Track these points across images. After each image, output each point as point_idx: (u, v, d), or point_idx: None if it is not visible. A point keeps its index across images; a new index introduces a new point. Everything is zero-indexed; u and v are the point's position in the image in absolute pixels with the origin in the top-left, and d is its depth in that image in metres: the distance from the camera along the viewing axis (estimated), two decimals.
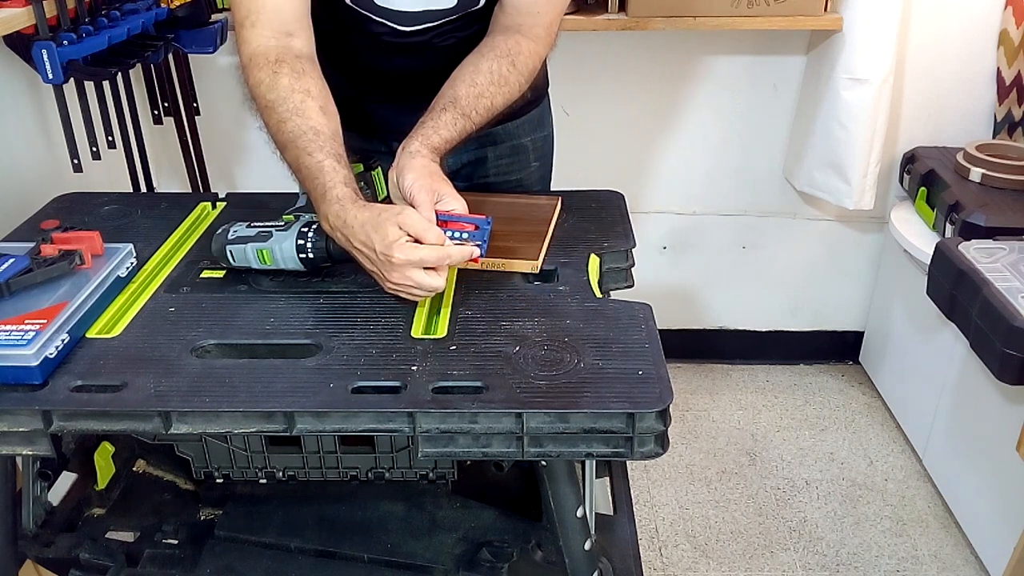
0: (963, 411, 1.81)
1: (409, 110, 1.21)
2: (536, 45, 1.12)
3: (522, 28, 1.11)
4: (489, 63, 1.08)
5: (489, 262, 1.03)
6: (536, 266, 1.03)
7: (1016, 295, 1.37)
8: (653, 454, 0.81)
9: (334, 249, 0.96)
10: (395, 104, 1.25)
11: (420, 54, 1.18)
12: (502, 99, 1.08)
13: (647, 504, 1.92)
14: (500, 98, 1.08)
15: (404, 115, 1.22)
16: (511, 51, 1.09)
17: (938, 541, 1.81)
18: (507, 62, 1.08)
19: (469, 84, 1.06)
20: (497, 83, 1.07)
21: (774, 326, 2.39)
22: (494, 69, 1.07)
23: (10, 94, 1.57)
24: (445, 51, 1.17)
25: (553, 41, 1.16)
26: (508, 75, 1.08)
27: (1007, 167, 1.82)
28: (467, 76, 1.07)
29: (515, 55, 1.09)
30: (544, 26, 1.12)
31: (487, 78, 1.07)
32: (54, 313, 0.89)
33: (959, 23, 1.93)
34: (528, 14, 1.11)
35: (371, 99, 1.26)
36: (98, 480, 1.21)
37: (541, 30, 1.12)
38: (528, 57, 1.11)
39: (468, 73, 1.07)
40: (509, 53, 1.09)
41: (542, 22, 1.12)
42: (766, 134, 2.12)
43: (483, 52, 1.10)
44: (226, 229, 1.03)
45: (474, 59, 1.09)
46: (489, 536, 1.11)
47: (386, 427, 0.81)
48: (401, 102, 1.24)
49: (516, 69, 1.09)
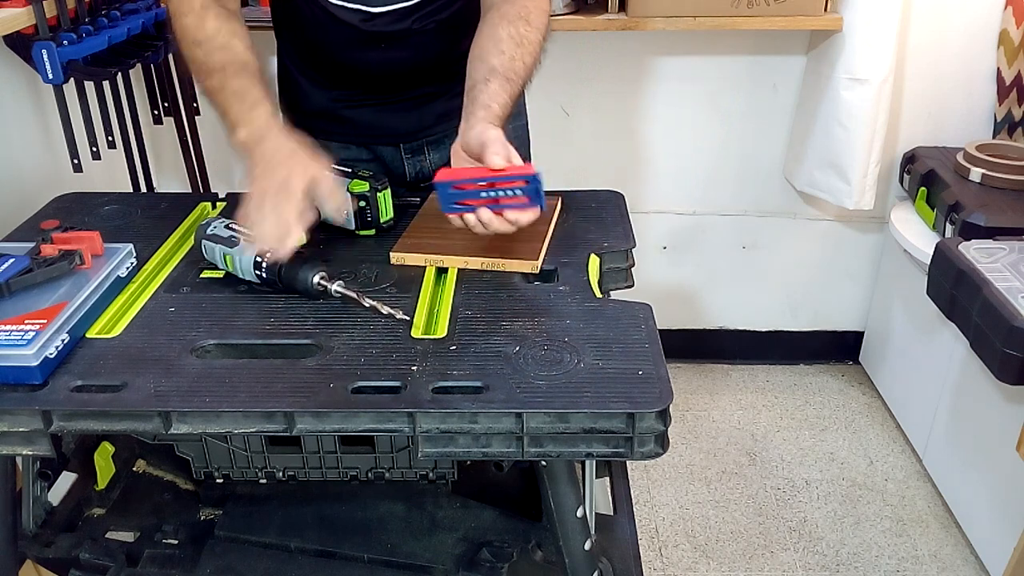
0: (963, 411, 1.81)
1: (394, 110, 1.21)
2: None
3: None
4: (506, 29, 1.09)
5: (489, 262, 1.03)
6: (536, 266, 1.03)
7: (1016, 295, 1.37)
8: (653, 454, 0.81)
9: (285, 275, 0.96)
10: (378, 106, 1.25)
11: (400, 43, 1.17)
12: (531, 58, 1.09)
13: (647, 504, 1.92)
14: (529, 58, 1.09)
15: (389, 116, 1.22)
16: (521, 13, 1.10)
17: (938, 541, 1.81)
18: (522, 23, 1.09)
19: (498, 53, 1.07)
20: (521, 44, 1.08)
21: (774, 326, 2.39)
22: (513, 33, 1.08)
23: (10, 94, 1.57)
24: (425, 39, 1.16)
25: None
26: (527, 34, 1.09)
27: (1007, 167, 1.82)
28: (491, 47, 1.08)
29: (527, 14, 1.10)
30: None
31: (510, 43, 1.08)
32: (54, 313, 0.88)
33: (959, 23, 1.93)
34: None
35: (353, 103, 1.25)
36: (98, 480, 1.21)
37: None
38: (538, 14, 1.11)
39: (491, 44, 1.08)
40: (520, 15, 1.10)
41: None
42: (766, 134, 2.12)
43: (495, 22, 1.10)
44: (209, 223, 1.03)
45: (489, 31, 1.10)
46: (489, 536, 1.11)
47: (386, 427, 0.81)
48: (385, 104, 1.24)
49: (532, 27, 1.10)
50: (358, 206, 1.11)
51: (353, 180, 1.11)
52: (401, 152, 1.31)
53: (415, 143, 1.30)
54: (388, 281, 1.02)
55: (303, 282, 0.95)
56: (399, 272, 1.03)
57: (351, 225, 1.13)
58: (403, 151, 1.31)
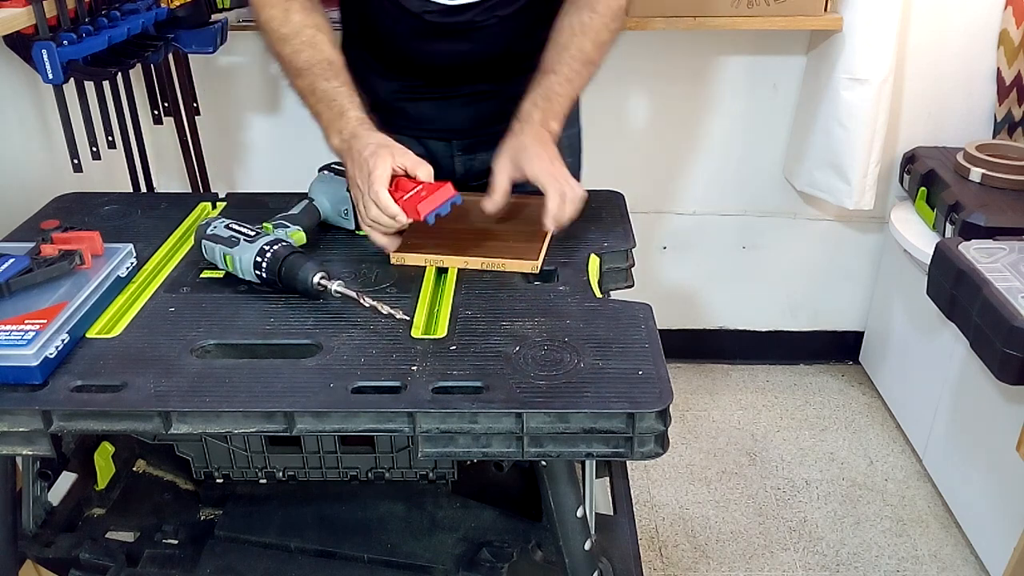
0: (963, 411, 1.81)
1: (451, 105, 1.25)
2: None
3: None
4: (568, 19, 1.14)
5: (489, 262, 1.03)
6: (536, 266, 1.03)
7: (1016, 295, 1.37)
8: (653, 454, 0.81)
9: (285, 275, 0.96)
10: (435, 100, 1.27)
11: (462, 36, 1.19)
12: (590, 44, 1.13)
13: (647, 504, 1.92)
14: (588, 43, 1.13)
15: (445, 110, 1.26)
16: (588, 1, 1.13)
17: (938, 541, 1.81)
18: (586, 11, 1.13)
19: (551, 47, 1.13)
20: (579, 32, 1.13)
21: (774, 326, 2.39)
22: (573, 22, 1.13)
23: (10, 94, 1.57)
24: (486, 33, 1.18)
25: None
26: (589, 21, 1.13)
27: (1007, 167, 1.82)
28: (549, 42, 1.14)
29: (594, 2, 1.13)
30: None
31: (567, 33, 1.13)
32: (54, 313, 0.89)
33: (959, 23, 1.93)
34: None
35: (412, 96, 1.27)
36: (98, 480, 1.21)
37: None
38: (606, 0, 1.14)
39: (551, 36, 1.14)
40: (588, 3, 1.13)
41: None
42: (766, 134, 2.12)
43: (564, 11, 1.15)
44: (209, 223, 1.03)
45: (555, 24, 1.15)
46: (489, 536, 1.11)
47: (386, 427, 0.81)
48: (443, 98, 1.26)
49: (597, 13, 1.13)
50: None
51: None
52: (453, 148, 1.32)
53: (468, 141, 1.31)
54: (388, 281, 1.02)
55: (303, 282, 0.95)
56: (399, 272, 1.03)
57: (351, 225, 1.13)
58: (455, 147, 1.32)
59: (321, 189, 1.13)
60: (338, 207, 1.12)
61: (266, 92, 2.05)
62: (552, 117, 1.10)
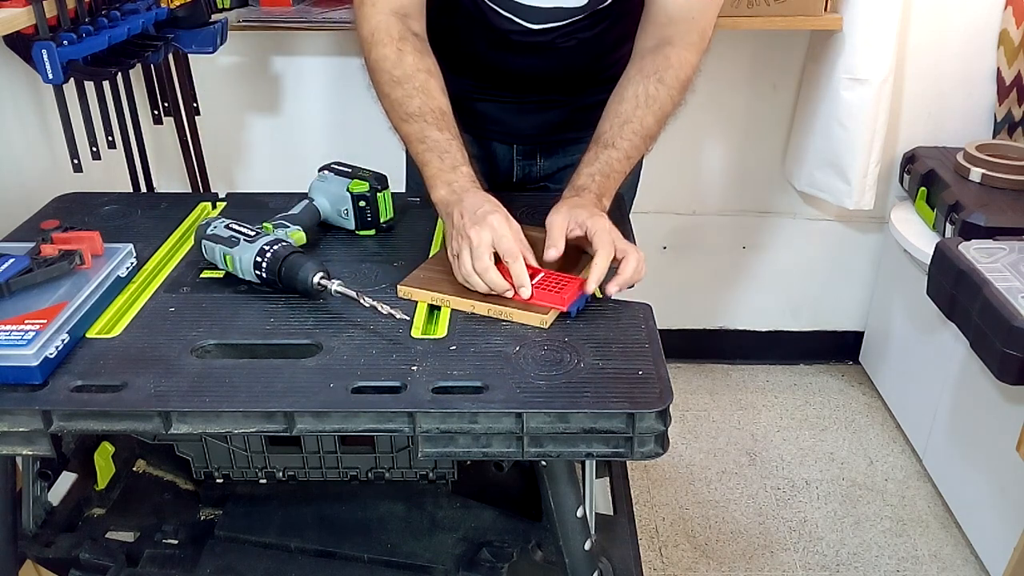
0: (963, 411, 1.81)
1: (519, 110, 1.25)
2: (688, 53, 1.11)
3: (673, 39, 1.11)
4: (633, 88, 1.10)
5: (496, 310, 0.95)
6: (546, 320, 0.92)
7: (1016, 295, 1.37)
8: (653, 454, 0.81)
9: (285, 275, 0.96)
10: (503, 104, 1.27)
11: (540, 54, 1.18)
12: (653, 118, 1.10)
13: (647, 504, 1.92)
14: (650, 117, 1.09)
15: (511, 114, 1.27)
16: (658, 68, 1.10)
17: (938, 541, 1.81)
18: (653, 80, 1.10)
19: (613, 116, 1.09)
20: (644, 105, 1.09)
21: (774, 326, 2.39)
22: (639, 93, 1.09)
23: (10, 94, 1.57)
24: (565, 52, 1.18)
25: (707, 46, 1.15)
26: (655, 93, 1.09)
27: (1007, 167, 1.82)
28: (611, 108, 1.10)
29: (662, 71, 1.10)
30: (698, 31, 1.12)
31: (631, 104, 1.09)
32: (54, 313, 0.88)
33: (959, 23, 1.93)
34: (682, 21, 1.10)
35: (480, 97, 1.27)
36: (98, 480, 1.21)
37: (695, 36, 1.12)
38: (678, 69, 1.11)
39: (613, 105, 1.11)
40: (656, 71, 1.10)
41: (696, 28, 1.11)
42: (766, 134, 2.12)
43: (629, 77, 1.12)
44: (209, 223, 1.03)
45: (619, 89, 1.12)
46: (489, 536, 1.11)
47: (386, 427, 0.81)
48: (511, 102, 1.26)
49: (665, 84, 1.10)
50: (358, 206, 1.11)
51: (353, 180, 1.11)
52: (514, 152, 1.32)
53: (530, 146, 1.31)
54: (388, 281, 1.02)
55: (303, 282, 0.95)
56: (399, 272, 1.03)
57: (351, 225, 1.13)
58: (516, 151, 1.32)
59: (321, 189, 1.13)
60: (338, 207, 1.12)
61: (266, 92, 2.05)
62: (606, 194, 1.06)
